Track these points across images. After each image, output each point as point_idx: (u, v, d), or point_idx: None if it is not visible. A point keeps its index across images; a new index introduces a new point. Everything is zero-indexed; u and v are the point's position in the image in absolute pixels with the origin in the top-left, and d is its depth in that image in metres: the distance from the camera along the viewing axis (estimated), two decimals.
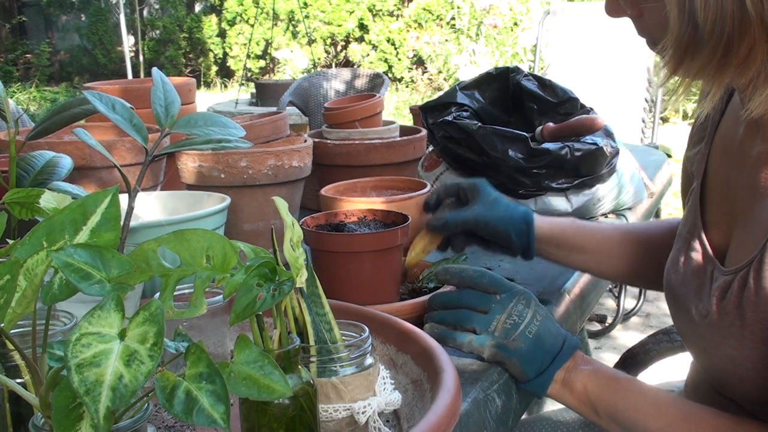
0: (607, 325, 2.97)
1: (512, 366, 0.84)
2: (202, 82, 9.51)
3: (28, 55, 10.04)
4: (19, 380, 0.56)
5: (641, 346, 1.36)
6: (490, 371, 0.84)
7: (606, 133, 1.38)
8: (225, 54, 9.78)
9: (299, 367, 0.60)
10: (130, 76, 6.83)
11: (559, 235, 1.04)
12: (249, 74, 9.04)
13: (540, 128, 1.37)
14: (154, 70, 0.85)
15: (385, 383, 0.70)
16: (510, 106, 1.50)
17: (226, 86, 9.61)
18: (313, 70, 7.66)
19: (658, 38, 0.72)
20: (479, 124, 1.35)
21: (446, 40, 7.30)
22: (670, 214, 4.05)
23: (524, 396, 0.87)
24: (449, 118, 1.39)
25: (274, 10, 8.11)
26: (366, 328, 0.69)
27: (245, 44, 9.12)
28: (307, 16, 8.71)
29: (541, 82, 1.48)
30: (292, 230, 0.61)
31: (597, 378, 0.83)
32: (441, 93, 1.62)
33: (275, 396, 0.51)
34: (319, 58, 8.77)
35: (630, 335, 2.98)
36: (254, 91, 5.10)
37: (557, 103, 1.45)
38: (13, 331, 0.56)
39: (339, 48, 9.25)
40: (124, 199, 0.80)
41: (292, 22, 9.20)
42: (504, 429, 0.82)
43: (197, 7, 10.50)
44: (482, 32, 6.48)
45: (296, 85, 3.46)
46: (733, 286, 0.75)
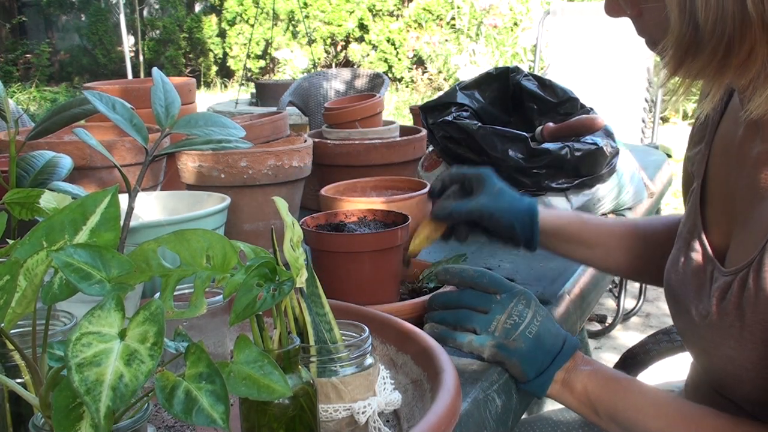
0: (607, 325, 2.97)
1: (512, 366, 0.84)
2: (202, 82, 9.51)
3: (28, 55, 10.04)
4: (19, 380, 0.56)
5: (641, 346, 1.36)
6: (490, 371, 0.84)
7: (606, 133, 1.38)
8: (225, 54, 9.78)
9: (299, 367, 0.60)
10: (130, 76, 6.83)
11: (563, 228, 1.04)
12: (249, 74, 9.04)
13: (540, 128, 1.37)
14: (155, 70, 0.85)
15: (385, 383, 0.70)
16: (510, 106, 1.50)
17: (226, 86, 9.61)
18: (313, 70, 7.66)
19: (658, 38, 0.72)
20: (479, 124, 1.35)
21: (446, 40, 7.30)
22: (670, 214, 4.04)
23: (524, 396, 0.87)
24: (449, 118, 1.39)
25: (274, 10, 8.11)
26: (366, 328, 0.69)
27: (245, 44, 9.12)
28: (307, 16, 8.71)
29: (541, 82, 1.48)
30: (292, 230, 0.61)
31: (597, 378, 0.83)
32: (441, 93, 1.62)
33: (275, 396, 0.51)
34: (319, 58, 8.77)
35: (630, 335, 2.98)
36: (254, 91, 5.10)
37: (557, 103, 1.45)
38: (13, 331, 0.56)
39: (339, 48, 9.25)
40: (124, 199, 0.80)
41: (292, 22, 9.20)
42: (504, 429, 0.82)
43: (197, 7, 10.50)
44: (482, 32, 6.48)
45: (296, 85, 3.46)
46: (732, 287, 0.75)
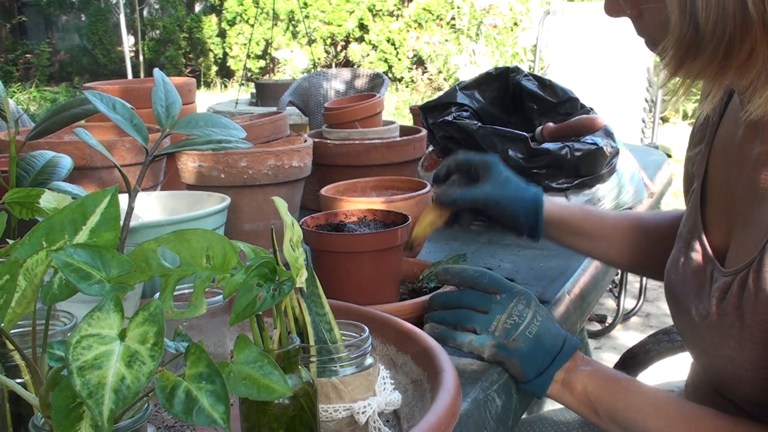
0: (607, 325, 2.97)
1: (512, 366, 0.84)
2: (202, 82, 9.51)
3: (28, 55, 10.04)
4: (19, 380, 0.56)
5: (641, 346, 1.36)
6: (490, 371, 0.84)
7: (606, 133, 1.38)
8: (225, 54, 9.78)
9: (299, 367, 0.60)
10: (130, 76, 6.83)
11: (568, 219, 1.04)
12: (249, 74, 9.04)
13: (540, 128, 1.37)
14: (156, 70, 0.85)
15: (385, 383, 0.70)
16: (510, 106, 1.50)
17: (226, 86, 9.61)
18: (313, 70, 7.66)
19: (658, 39, 0.72)
20: (479, 124, 1.35)
21: (446, 40, 7.30)
22: None
23: (524, 396, 0.87)
24: (449, 118, 1.39)
25: (274, 10, 8.10)
26: (366, 328, 0.69)
27: (245, 44, 9.12)
28: (307, 16, 8.71)
29: (541, 82, 1.48)
30: (292, 230, 0.61)
31: (597, 378, 0.83)
32: (441, 93, 1.62)
33: (275, 396, 0.51)
34: (319, 58, 8.77)
35: (630, 335, 2.98)
36: (254, 91, 5.10)
37: (557, 103, 1.45)
38: (13, 331, 0.56)
39: (339, 48, 9.25)
40: (124, 199, 0.80)
41: (292, 22, 9.20)
42: (504, 429, 0.82)
43: (197, 7, 10.50)
44: (482, 32, 6.48)
45: (296, 85, 3.46)
46: (732, 287, 0.75)
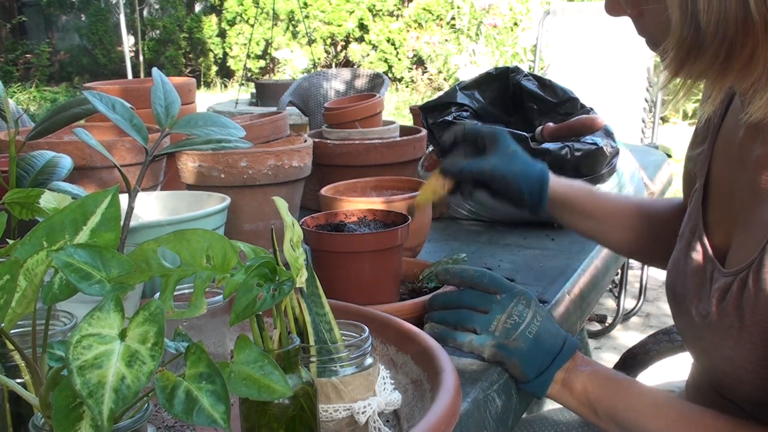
0: (607, 325, 2.97)
1: (512, 366, 0.84)
2: (202, 82, 9.51)
3: (28, 55, 10.04)
4: (19, 380, 0.56)
5: (641, 346, 1.37)
6: (490, 371, 0.84)
7: (606, 133, 1.38)
8: (225, 54, 9.78)
9: (299, 367, 0.60)
10: (130, 76, 6.83)
11: (572, 199, 1.04)
12: (249, 74, 9.04)
13: (540, 128, 1.37)
14: (155, 70, 0.85)
15: (385, 383, 0.70)
16: (510, 106, 1.50)
17: (226, 86, 9.61)
18: (313, 70, 7.66)
19: (659, 39, 0.72)
20: (479, 124, 1.35)
21: (446, 40, 7.30)
22: None
23: (524, 396, 0.87)
24: (449, 118, 1.39)
25: (274, 10, 8.10)
26: (366, 328, 0.69)
27: (245, 44, 9.12)
28: (307, 16, 8.71)
29: (541, 82, 1.48)
30: (292, 230, 0.61)
31: (597, 379, 0.83)
32: (441, 93, 1.62)
33: (275, 396, 0.51)
34: (319, 58, 8.77)
35: (630, 335, 2.98)
36: (254, 91, 5.10)
37: (557, 103, 1.45)
38: (13, 331, 0.56)
39: (339, 48, 9.25)
40: (124, 199, 0.80)
41: (292, 22, 9.20)
42: (504, 429, 0.82)
43: (197, 7, 10.50)
44: (482, 32, 6.47)
45: (296, 85, 3.46)
46: (732, 288, 0.75)
